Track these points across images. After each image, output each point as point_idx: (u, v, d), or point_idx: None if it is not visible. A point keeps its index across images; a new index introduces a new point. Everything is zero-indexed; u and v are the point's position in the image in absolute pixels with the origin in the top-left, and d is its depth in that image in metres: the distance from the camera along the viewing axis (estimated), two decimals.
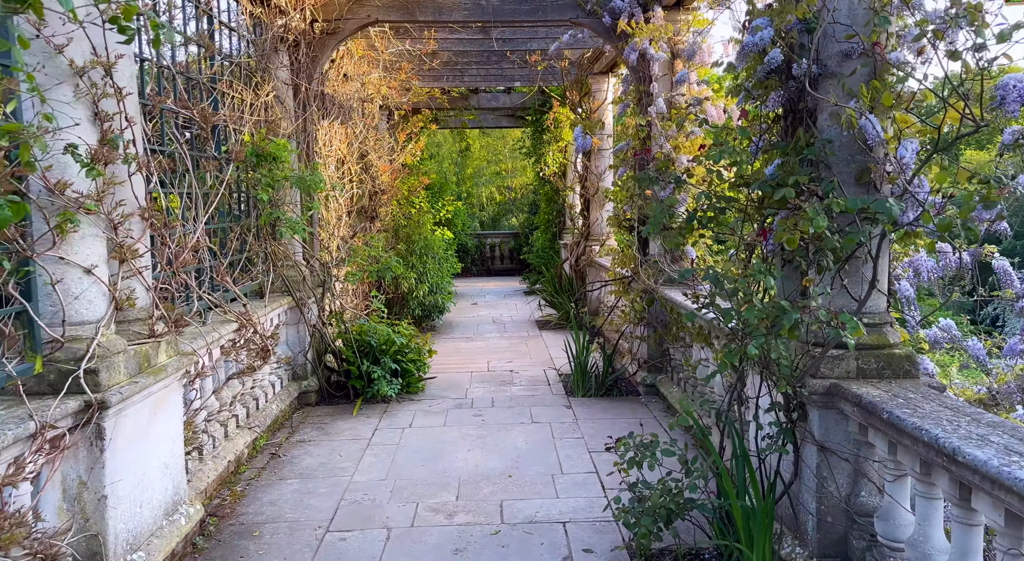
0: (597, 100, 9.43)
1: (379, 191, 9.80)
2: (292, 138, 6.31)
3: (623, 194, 6.80)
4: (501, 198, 27.14)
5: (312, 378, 6.41)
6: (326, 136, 7.92)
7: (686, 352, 5.78)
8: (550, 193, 13.29)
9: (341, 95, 8.69)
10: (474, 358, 8.21)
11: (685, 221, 3.53)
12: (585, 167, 9.75)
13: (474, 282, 15.73)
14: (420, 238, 9.75)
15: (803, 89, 3.22)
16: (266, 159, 5.23)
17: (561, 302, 9.97)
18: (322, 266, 6.46)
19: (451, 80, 11.41)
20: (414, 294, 9.38)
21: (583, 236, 9.96)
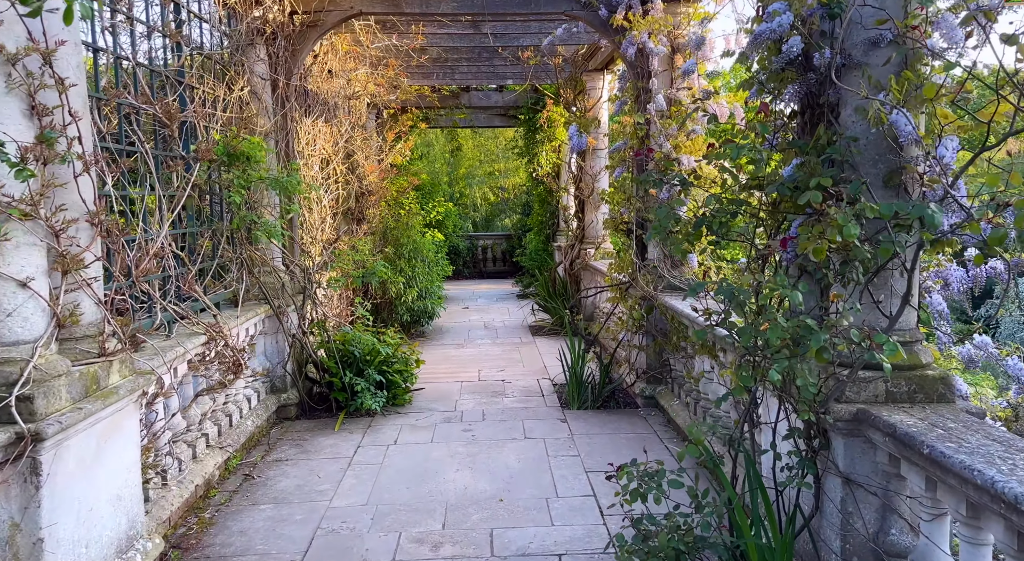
0: (592, 98, 9.12)
1: (366, 192, 9.45)
2: (270, 137, 5.96)
3: (620, 196, 6.49)
4: (494, 199, 26.83)
5: (292, 391, 6.06)
6: (309, 135, 7.57)
7: (688, 363, 5.47)
8: (543, 194, 12.96)
9: (325, 92, 8.34)
10: (465, 366, 7.88)
11: (692, 226, 3.20)
12: (580, 167, 9.43)
13: (466, 285, 15.40)
14: (409, 241, 9.41)
15: (824, 81, 2.90)
16: (239, 159, 4.87)
17: (555, 307, 9.65)
18: (303, 272, 6.11)
19: (441, 78, 11.06)
20: (402, 299, 9.04)
21: (577, 239, 9.64)
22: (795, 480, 2.74)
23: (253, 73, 5.75)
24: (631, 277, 6.28)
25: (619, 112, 6.47)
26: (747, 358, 2.73)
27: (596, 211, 9.29)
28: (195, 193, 4.76)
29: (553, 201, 12.81)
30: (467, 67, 10.49)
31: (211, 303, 4.73)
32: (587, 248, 9.39)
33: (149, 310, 4.16)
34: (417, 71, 10.55)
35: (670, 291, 5.86)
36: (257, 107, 5.80)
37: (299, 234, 6.40)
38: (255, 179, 5.10)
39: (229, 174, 4.84)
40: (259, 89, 5.80)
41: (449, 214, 14.35)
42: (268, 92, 5.93)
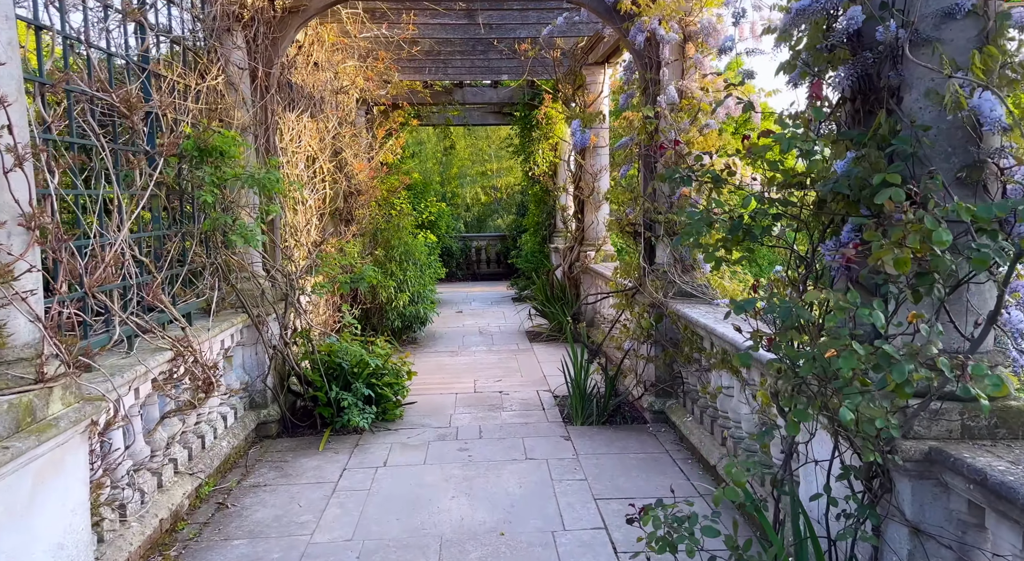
0: (592, 93, 8.70)
1: (355, 192, 8.99)
2: (248, 131, 5.50)
3: (626, 195, 6.07)
4: (487, 198, 26.42)
5: (273, 406, 5.60)
6: (293, 131, 7.11)
7: (702, 377, 5.05)
8: (540, 194, 12.53)
9: (311, 86, 7.88)
10: (459, 376, 7.43)
11: (729, 230, 2.78)
12: (579, 166, 9.01)
13: (459, 287, 14.95)
14: (400, 243, 8.95)
15: (884, 61, 2.49)
16: (211, 154, 4.41)
17: (553, 312, 9.22)
18: (285, 278, 5.65)
19: (434, 72, 10.61)
20: (393, 304, 8.58)
21: (577, 241, 9.21)
22: (857, 532, 2.32)
23: (229, 62, 5.29)
24: (638, 282, 5.86)
25: (625, 105, 6.05)
26: (800, 388, 2.30)
27: (596, 211, 8.87)
28: (162, 192, 4.30)
29: (550, 201, 12.38)
30: (461, 61, 10.05)
31: (180, 314, 4.27)
32: (587, 250, 8.97)
33: (107, 324, 3.69)
34: (408, 65, 10.10)
35: (681, 297, 5.44)
36: (234, 99, 5.34)
37: (281, 237, 5.93)
38: (230, 177, 4.65)
39: (200, 171, 4.38)
40: (236, 79, 5.34)
41: (442, 214, 13.90)
42: (246, 83, 5.47)
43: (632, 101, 6.01)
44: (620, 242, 9.51)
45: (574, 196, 9.15)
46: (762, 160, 2.66)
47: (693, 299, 5.42)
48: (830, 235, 2.80)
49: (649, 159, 5.74)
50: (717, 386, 4.63)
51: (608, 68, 8.55)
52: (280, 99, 6.70)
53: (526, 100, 11.84)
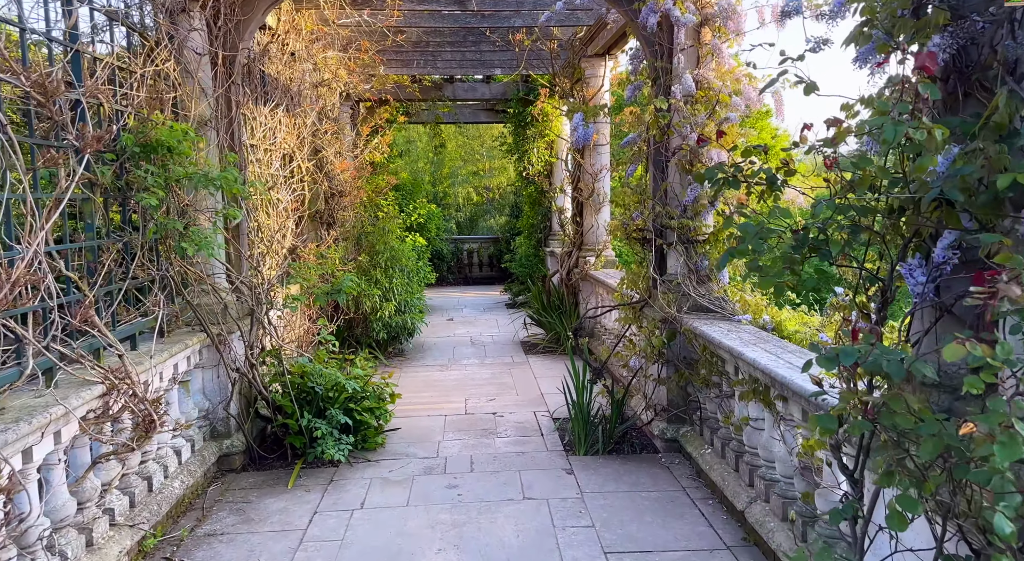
0: (592, 88, 8.10)
1: (337, 193, 8.36)
2: (209, 125, 4.86)
3: (633, 197, 5.47)
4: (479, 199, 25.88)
5: (237, 436, 4.96)
6: (266, 126, 6.47)
7: (723, 404, 4.46)
8: (534, 195, 11.93)
9: (287, 78, 7.25)
10: (448, 395, 6.81)
11: (793, 246, 2.18)
12: (578, 165, 8.41)
13: (450, 292, 14.32)
14: (385, 248, 8.32)
15: (1001, 26, 1.90)
16: (156, 150, 3.78)
17: (550, 322, 8.62)
18: (251, 290, 5.02)
19: (422, 66, 9.99)
20: (378, 315, 7.96)
21: (575, 245, 8.61)
22: None
23: (185, 46, 4.65)
24: (647, 295, 5.27)
25: (632, 98, 5.46)
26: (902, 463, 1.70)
27: (596, 214, 8.28)
28: (96, 195, 3.66)
29: (545, 202, 11.79)
30: (451, 53, 9.43)
31: (118, 338, 3.63)
32: (586, 256, 8.38)
33: (19, 355, 3.06)
34: (395, 58, 9.47)
35: (697, 313, 4.85)
36: (191, 89, 4.71)
37: (249, 243, 5.30)
38: (181, 176, 4.01)
39: (141, 170, 3.74)
40: (193, 66, 4.70)
41: (432, 216, 13.27)
42: (206, 71, 4.83)
43: (640, 93, 5.42)
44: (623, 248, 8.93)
45: (572, 198, 8.56)
46: (838, 159, 2.06)
47: (710, 314, 4.83)
48: (913, 252, 2.21)
49: (660, 157, 5.15)
50: (743, 417, 4.04)
51: (609, 60, 7.96)
52: (249, 91, 6.07)
53: (520, 96, 11.24)
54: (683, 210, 4.98)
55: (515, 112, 11.48)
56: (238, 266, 5.09)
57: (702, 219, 4.95)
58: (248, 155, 5.86)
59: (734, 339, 4.07)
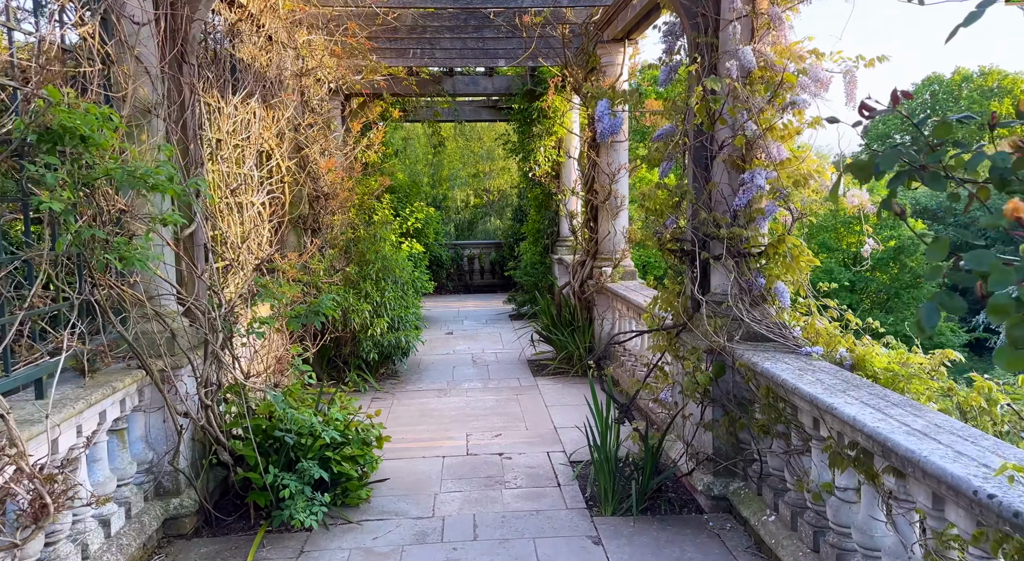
0: (609, 77, 7.21)
1: (322, 195, 7.46)
2: (155, 113, 3.96)
3: (667, 201, 4.56)
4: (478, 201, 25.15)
5: (187, 493, 4.05)
6: (235, 119, 5.58)
7: (793, 461, 3.55)
8: (541, 197, 11.04)
9: (263, 64, 6.36)
10: (447, 428, 5.90)
11: None
12: (593, 164, 7.51)
13: (449, 302, 13.41)
14: (377, 257, 7.42)
15: None
16: (62, 140, 2.88)
17: (561, 339, 7.71)
18: (205, 315, 4.11)
19: (419, 56, 9.09)
20: (368, 332, 7.05)
21: (589, 254, 7.71)
22: None
23: (122, 14, 3.75)
24: (685, 318, 4.37)
25: (666, 82, 4.56)
26: None
27: (614, 219, 7.38)
28: None
29: (553, 205, 10.90)
30: (450, 41, 8.54)
31: (12, 386, 2.73)
32: (602, 266, 7.47)
33: None
34: (388, 47, 8.58)
35: (751, 342, 3.95)
36: (131, 68, 3.81)
37: (204, 257, 4.39)
38: (102, 174, 3.11)
39: (36, 166, 2.83)
40: (131, 39, 3.80)
41: (430, 220, 12.37)
42: (149, 46, 3.93)
43: (676, 76, 4.52)
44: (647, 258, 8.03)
45: (585, 200, 7.66)
46: None
47: (767, 344, 3.92)
48: None
49: (703, 153, 4.25)
50: (824, 484, 3.13)
51: (628, 46, 7.06)
52: (212, 76, 5.17)
53: (525, 90, 10.34)
54: (733, 217, 4.09)
55: (520, 108, 10.59)
56: (189, 285, 4.18)
57: (757, 227, 4.04)
58: (209, 151, 4.96)
59: (813, 384, 3.16)
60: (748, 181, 3.93)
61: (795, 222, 3.93)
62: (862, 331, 3.83)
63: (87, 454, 3.35)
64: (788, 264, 3.94)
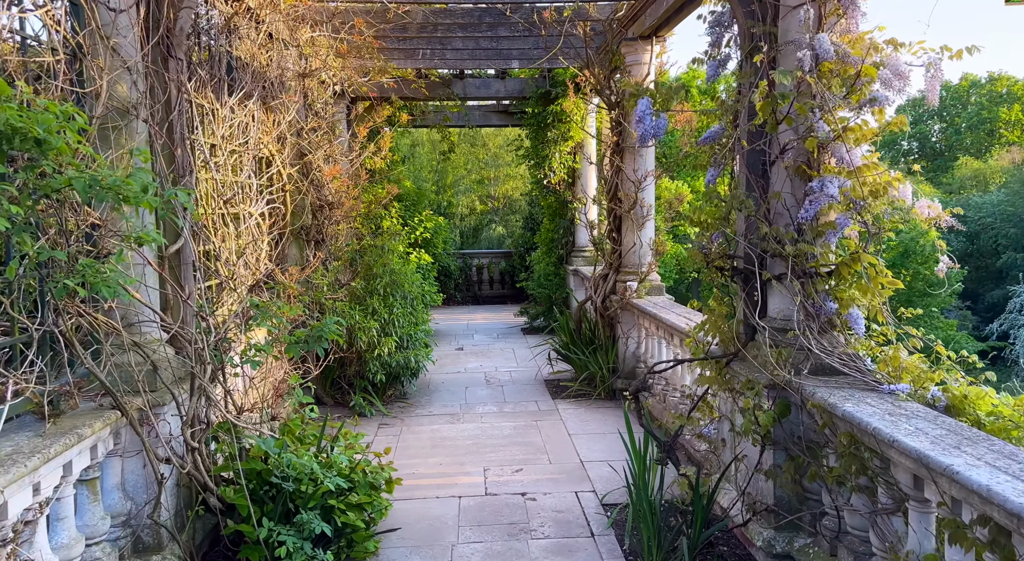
0: (634, 77, 6.70)
1: (326, 205, 6.96)
2: (135, 113, 3.46)
3: (714, 213, 4.04)
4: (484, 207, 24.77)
5: (170, 548, 3.52)
6: (231, 122, 5.10)
7: (881, 522, 3.00)
8: (555, 206, 10.54)
9: (263, 64, 5.88)
10: (463, 461, 5.37)
11: None
12: (617, 170, 6.99)
13: (458, 314, 12.89)
14: (385, 271, 6.91)
15: None
16: (14, 142, 2.37)
17: (582, 359, 7.17)
18: (191, 344, 3.60)
19: (428, 58, 8.61)
20: (375, 352, 6.53)
21: (612, 267, 7.18)
22: None
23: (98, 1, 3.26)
24: (738, 345, 3.84)
25: (714, 78, 4.05)
26: None
27: (639, 230, 6.85)
28: None
29: (568, 214, 10.40)
30: (462, 41, 8.06)
31: None
32: (626, 279, 6.94)
33: None
34: (397, 48, 8.11)
35: (822, 377, 3.42)
36: (106, 61, 3.31)
37: (193, 277, 3.88)
38: (63, 184, 2.60)
39: None
40: (106, 27, 3.30)
41: (439, 229, 11.88)
42: (128, 37, 3.44)
43: (723, 72, 4.01)
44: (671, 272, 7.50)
45: (608, 210, 7.14)
46: None
47: (840, 379, 3.39)
48: None
49: (760, 157, 3.73)
50: (928, 556, 2.59)
51: (656, 44, 6.56)
52: (206, 75, 4.69)
53: (540, 92, 9.85)
54: (798, 231, 3.56)
55: (534, 112, 10.10)
56: (177, 309, 3.67)
57: (827, 243, 3.52)
58: (202, 157, 4.47)
59: (915, 435, 2.63)
60: (817, 190, 3.40)
61: (872, 238, 3.40)
62: (954, 365, 3.29)
63: (48, 513, 2.84)
64: (865, 286, 3.41)
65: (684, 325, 5.29)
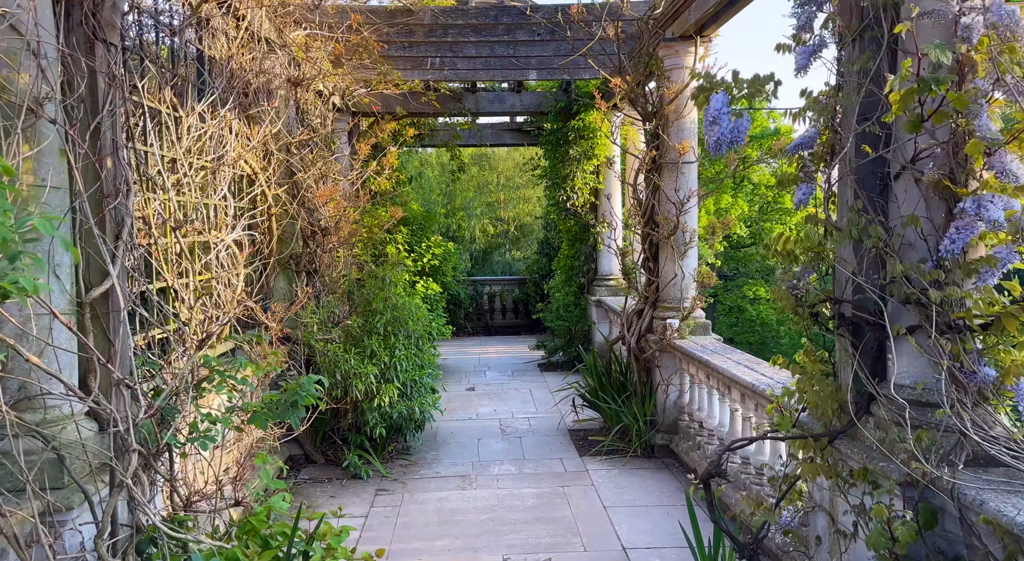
0: (675, 83, 5.81)
1: (319, 230, 6.08)
2: (40, 114, 2.58)
3: (805, 242, 3.09)
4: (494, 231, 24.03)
5: None
6: (200, 131, 4.24)
7: None
8: (575, 230, 9.63)
9: (243, 66, 5.05)
10: (475, 546, 4.36)
11: None
12: (655, 190, 6.06)
13: (468, 346, 11.92)
14: (386, 307, 5.98)
15: None
16: None
17: (614, 409, 6.17)
18: (113, 425, 2.66)
19: (438, 67, 7.79)
20: (375, 402, 5.57)
21: (648, 302, 6.21)
22: None
23: None
24: (842, 419, 2.86)
25: (805, 68, 3.12)
26: None
27: (681, 259, 5.90)
28: None
29: (590, 239, 9.48)
30: (476, 46, 7.23)
31: None
32: (665, 316, 5.97)
33: None
34: (402, 54, 7.29)
35: (979, 469, 2.43)
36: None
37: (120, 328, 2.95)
38: None
39: None
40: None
41: (448, 256, 10.97)
42: (43, 16, 2.57)
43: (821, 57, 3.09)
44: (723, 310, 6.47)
45: (643, 235, 6.20)
46: None
47: (1000, 470, 2.40)
48: None
49: (879, 170, 2.78)
50: None
51: (701, 45, 5.67)
52: (165, 73, 3.84)
53: (560, 107, 9.01)
54: (936, 266, 2.60)
55: (553, 128, 9.24)
56: (98, 374, 2.74)
57: (988, 287, 2.55)
58: (157, 171, 3.59)
59: None
60: (972, 212, 2.44)
61: None
62: None
63: None
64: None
65: (750, 378, 4.31)
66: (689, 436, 5.66)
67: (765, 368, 4.66)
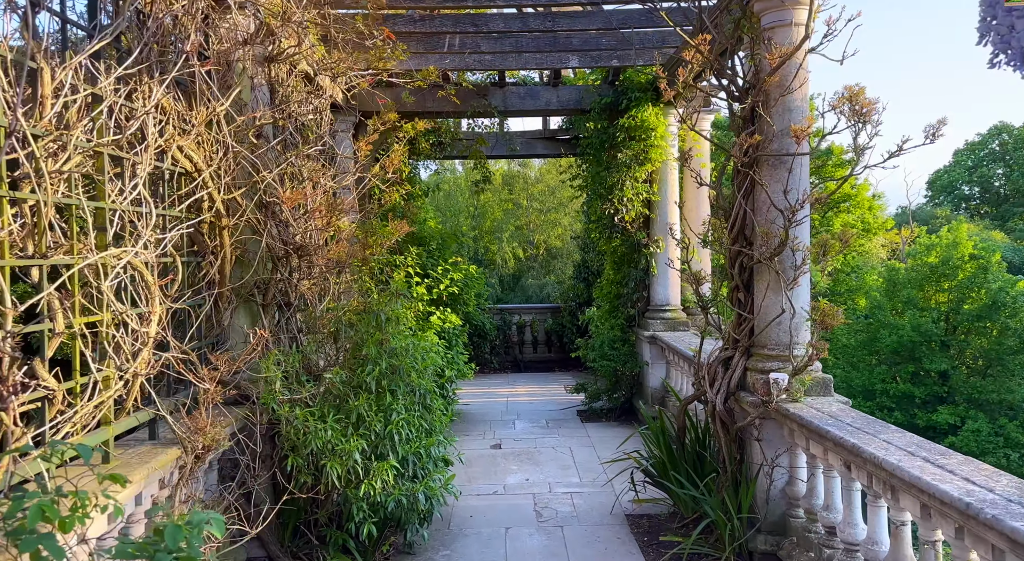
0: (779, 46, 4.19)
1: (295, 250, 4.57)
2: None
3: None
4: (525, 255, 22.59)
5: None
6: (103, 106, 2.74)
7: None
8: (622, 250, 7.99)
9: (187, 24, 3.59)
10: None
11: None
12: (748, 192, 4.40)
13: (494, 386, 10.28)
14: (381, 353, 4.39)
15: None
16: None
17: (696, 498, 4.46)
18: None
19: (457, 50, 6.32)
20: (361, 490, 3.96)
21: (739, 346, 4.51)
22: None
23: None
24: None
25: None
26: None
27: (790, 289, 4.22)
28: None
29: (642, 261, 7.85)
30: (504, 20, 5.74)
31: None
32: (765, 367, 4.27)
33: None
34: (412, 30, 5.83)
35: None
36: None
37: None
38: None
39: None
40: None
41: (471, 281, 9.38)
42: None
43: None
44: None
45: (731, 255, 4.54)
46: None
47: None
48: None
49: None
50: None
51: None
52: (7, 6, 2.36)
53: (605, 102, 7.46)
54: None
55: (597, 127, 7.69)
56: None
57: None
58: None
59: None
60: None
61: None
62: None
63: None
64: None
65: (949, 488, 2.61)
66: (809, 544, 3.92)
67: (958, 463, 2.95)
